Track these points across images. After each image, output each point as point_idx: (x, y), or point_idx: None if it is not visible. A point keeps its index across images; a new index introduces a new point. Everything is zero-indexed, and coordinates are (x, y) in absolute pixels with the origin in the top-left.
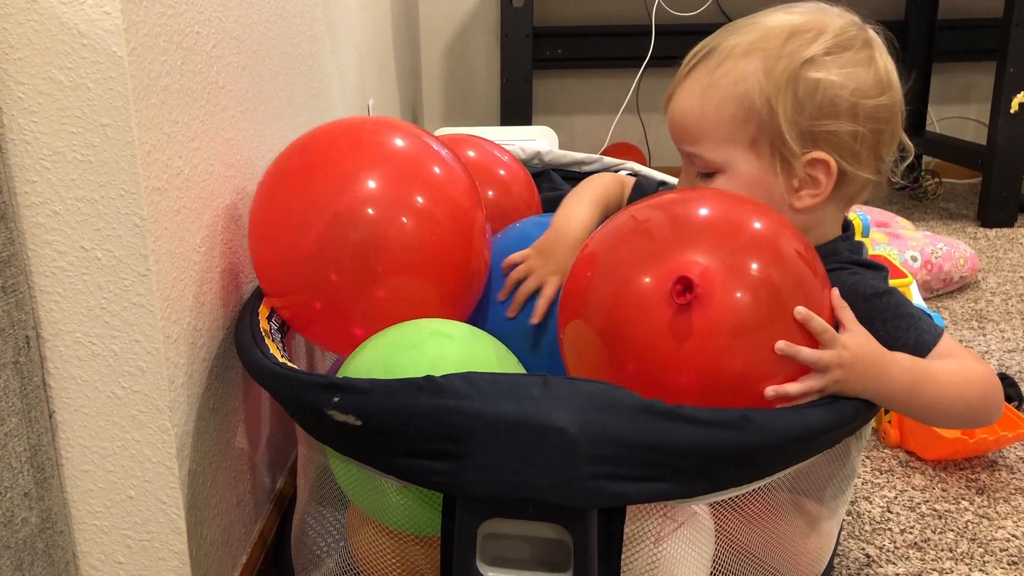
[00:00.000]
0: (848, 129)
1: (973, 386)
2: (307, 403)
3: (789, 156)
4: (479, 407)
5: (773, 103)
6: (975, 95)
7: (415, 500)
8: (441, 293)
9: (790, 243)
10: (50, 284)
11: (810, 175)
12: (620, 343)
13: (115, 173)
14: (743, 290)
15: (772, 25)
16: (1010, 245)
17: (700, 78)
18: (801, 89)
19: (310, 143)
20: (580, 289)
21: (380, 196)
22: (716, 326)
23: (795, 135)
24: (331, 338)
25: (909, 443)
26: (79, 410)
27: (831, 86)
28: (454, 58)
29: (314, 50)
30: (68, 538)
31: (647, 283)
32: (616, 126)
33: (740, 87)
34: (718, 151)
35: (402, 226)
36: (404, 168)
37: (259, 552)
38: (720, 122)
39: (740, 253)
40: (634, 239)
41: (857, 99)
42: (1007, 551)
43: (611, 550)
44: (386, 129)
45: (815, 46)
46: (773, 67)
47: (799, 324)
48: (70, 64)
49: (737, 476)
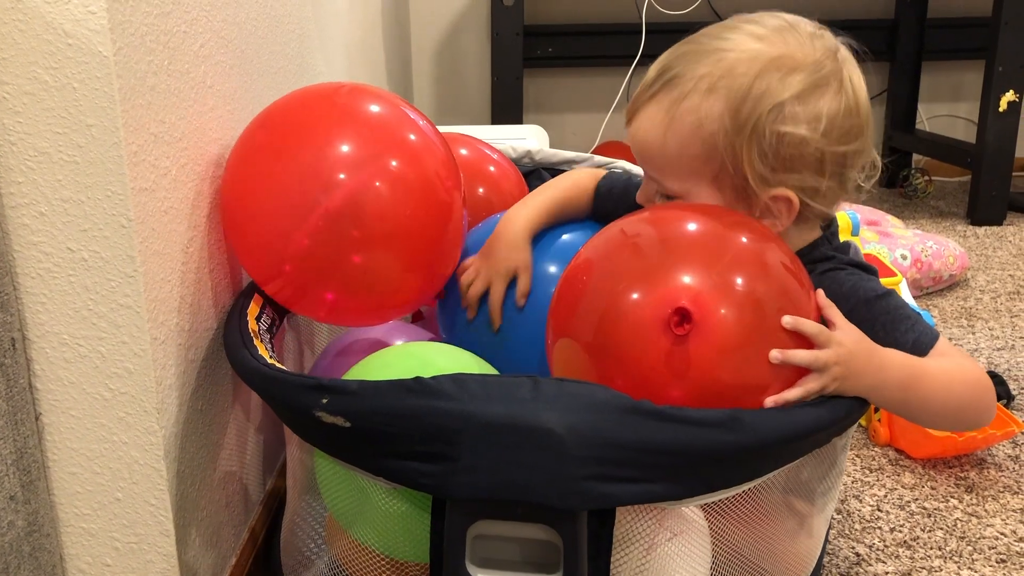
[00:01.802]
0: (813, 172)
1: (966, 386)
2: (295, 405)
3: (751, 193)
4: (468, 408)
5: (738, 149)
6: (965, 93)
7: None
8: (415, 262)
9: (775, 255)
10: (36, 286)
11: (771, 207)
12: (612, 362)
13: (101, 174)
14: (735, 310)
15: (740, 58)
16: (999, 243)
17: (663, 108)
18: (767, 141)
19: (275, 113)
20: (568, 304)
21: (355, 162)
22: (711, 349)
23: (757, 180)
24: (306, 305)
25: (899, 442)
26: (66, 412)
27: (797, 141)
28: (444, 57)
29: (303, 49)
30: (55, 541)
31: (641, 309)
32: (607, 125)
33: (705, 129)
34: (679, 183)
35: (378, 192)
36: (379, 133)
37: (249, 553)
38: (683, 159)
39: (728, 271)
40: (623, 256)
41: (824, 147)
42: (995, 549)
43: (601, 551)
44: (361, 96)
45: (785, 91)
46: (739, 110)
47: (791, 332)
48: (55, 64)
49: (728, 477)
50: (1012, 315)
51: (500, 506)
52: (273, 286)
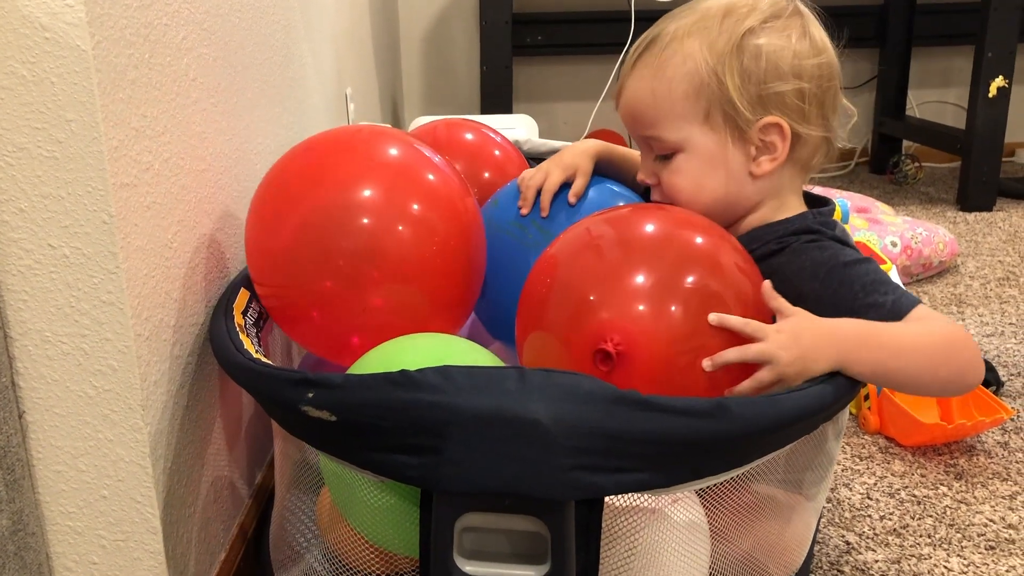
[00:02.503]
0: (794, 88)
1: (940, 342)
2: (281, 399)
3: (743, 124)
4: (454, 401)
5: (720, 75)
6: (954, 79)
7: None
8: (438, 301)
9: (719, 257)
10: (17, 282)
11: (764, 141)
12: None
13: (82, 169)
14: (661, 339)
15: (708, 7)
16: (989, 229)
17: (647, 64)
18: (746, 57)
19: (309, 153)
20: (538, 298)
21: (376, 205)
22: (642, 379)
23: (746, 102)
24: (328, 347)
25: (888, 429)
26: (50, 410)
27: (773, 50)
28: (433, 45)
29: (289, 39)
30: (41, 540)
31: (572, 341)
32: (597, 113)
33: (688, 65)
34: (674, 130)
35: (399, 235)
36: (401, 176)
37: (239, 548)
38: (673, 101)
39: (659, 289)
40: (585, 257)
41: (799, 60)
42: (984, 536)
43: (590, 541)
44: (381, 138)
45: (751, 19)
46: (715, 42)
47: (728, 333)
48: (32, 58)
49: (714, 464)
50: (1002, 301)
51: (487, 498)
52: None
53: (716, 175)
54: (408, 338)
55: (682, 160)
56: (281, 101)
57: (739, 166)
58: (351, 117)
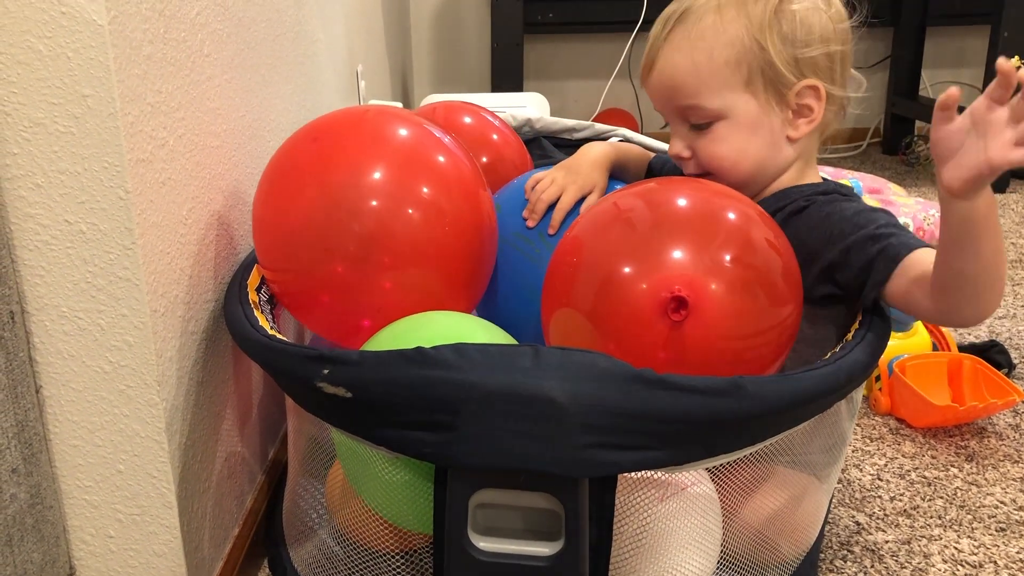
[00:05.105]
0: (826, 51)
1: (1003, 261)
2: (297, 375)
3: (783, 88)
4: (470, 378)
5: (762, 41)
6: (969, 59)
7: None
8: (450, 284)
9: (760, 230)
10: (34, 258)
11: (800, 104)
12: (611, 344)
13: (98, 145)
14: (731, 292)
15: None
16: (1002, 211)
17: (683, 35)
18: (784, 22)
19: (319, 133)
20: (565, 276)
21: (386, 188)
22: (711, 333)
23: (787, 65)
24: (339, 331)
25: (899, 411)
26: (66, 385)
27: (807, 15)
28: (444, 23)
29: (301, 16)
30: (58, 513)
31: (638, 292)
32: (608, 92)
33: (728, 33)
34: (716, 98)
35: (408, 218)
36: (411, 159)
37: (252, 524)
38: (715, 69)
39: (721, 251)
40: (617, 229)
41: (831, 24)
42: (995, 517)
43: (603, 518)
44: (392, 120)
45: None
46: (752, 11)
47: (787, 295)
48: (49, 33)
49: (729, 443)
50: (1014, 284)
51: (502, 475)
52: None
53: (757, 140)
54: (423, 315)
55: (723, 128)
56: (293, 78)
57: (779, 129)
58: (362, 95)
